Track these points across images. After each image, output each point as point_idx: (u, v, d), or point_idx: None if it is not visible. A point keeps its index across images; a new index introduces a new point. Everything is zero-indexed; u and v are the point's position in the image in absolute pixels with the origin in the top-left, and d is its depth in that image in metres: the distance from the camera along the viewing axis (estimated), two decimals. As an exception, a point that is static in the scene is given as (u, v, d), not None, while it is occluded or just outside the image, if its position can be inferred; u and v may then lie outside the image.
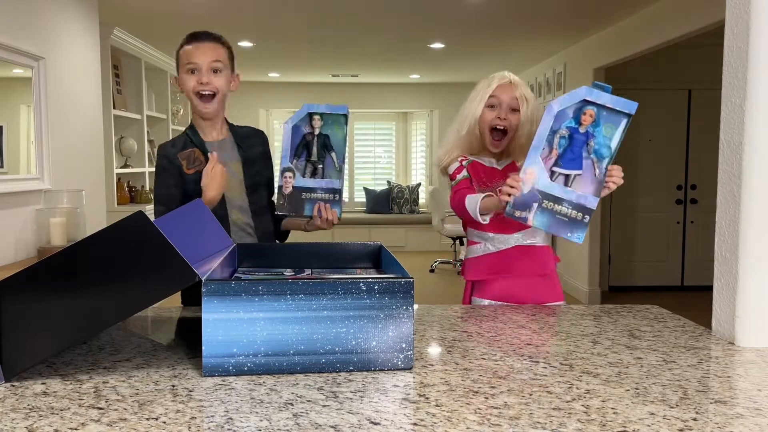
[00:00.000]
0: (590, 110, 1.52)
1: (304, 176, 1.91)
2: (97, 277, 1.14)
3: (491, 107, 1.86)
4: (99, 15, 4.13)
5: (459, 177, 1.91)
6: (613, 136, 1.52)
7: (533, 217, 1.55)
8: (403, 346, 1.19)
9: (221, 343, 1.14)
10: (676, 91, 6.24)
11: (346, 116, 1.92)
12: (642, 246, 6.37)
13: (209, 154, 1.91)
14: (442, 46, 6.18)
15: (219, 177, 1.87)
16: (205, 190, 1.85)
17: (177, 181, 1.92)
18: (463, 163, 1.92)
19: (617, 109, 1.51)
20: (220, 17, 4.93)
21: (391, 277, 1.19)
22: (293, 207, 1.90)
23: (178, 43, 1.98)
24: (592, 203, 1.55)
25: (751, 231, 1.41)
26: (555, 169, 1.54)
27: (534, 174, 1.54)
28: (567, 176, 1.54)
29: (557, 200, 1.54)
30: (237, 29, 5.38)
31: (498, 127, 1.85)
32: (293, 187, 1.90)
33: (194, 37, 1.94)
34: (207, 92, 1.91)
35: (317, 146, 1.91)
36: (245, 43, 5.95)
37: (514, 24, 5.28)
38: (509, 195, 1.55)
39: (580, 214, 1.55)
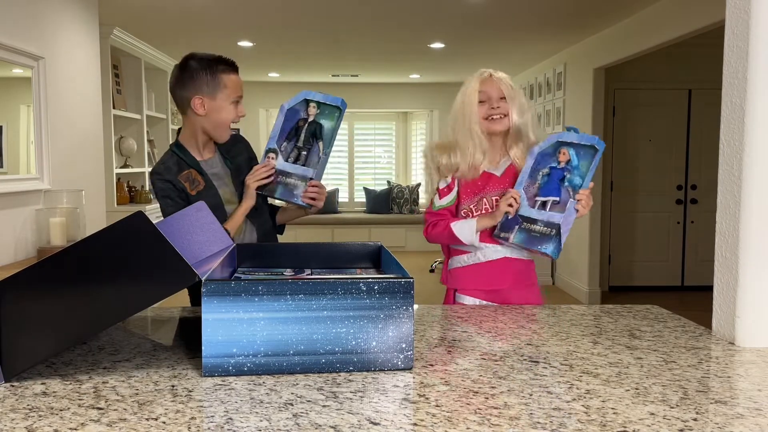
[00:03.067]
0: (564, 149, 1.83)
1: (287, 160, 1.96)
2: (97, 277, 1.14)
3: (482, 102, 1.91)
4: (99, 15, 4.13)
5: (444, 201, 1.96)
6: (587, 170, 1.82)
7: (513, 237, 1.85)
8: (403, 346, 1.18)
9: (221, 343, 1.14)
10: (676, 91, 6.24)
11: (341, 109, 1.96)
12: (642, 246, 6.37)
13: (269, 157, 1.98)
14: (442, 46, 6.18)
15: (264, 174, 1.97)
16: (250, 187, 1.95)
17: (184, 202, 1.92)
18: (456, 174, 1.95)
19: (586, 144, 1.82)
20: (220, 17, 4.93)
21: (391, 277, 1.19)
22: (263, 187, 1.96)
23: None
24: (558, 218, 1.82)
25: (751, 231, 1.41)
26: (537, 198, 1.85)
27: (519, 201, 1.85)
28: (545, 202, 1.84)
29: (533, 221, 1.84)
30: (237, 29, 5.38)
31: (494, 117, 1.91)
32: (274, 169, 1.96)
33: (234, 67, 1.96)
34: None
35: (306, 133, 1.96)
36: (245, 43, 5.95)
37: (514, 24, 5.28)
38: (510, 206, 1.83)
39: (548, 229, 1.82)
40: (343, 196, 9.57)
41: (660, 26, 4.59)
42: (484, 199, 1.94)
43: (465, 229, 1.90)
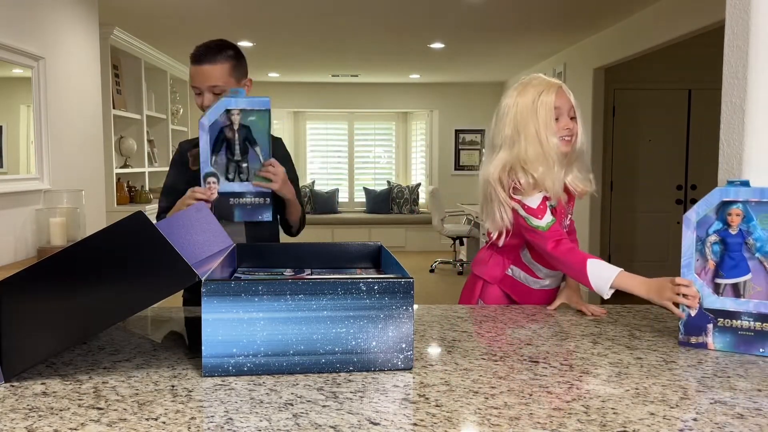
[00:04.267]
0: (735, 209, 1.36)
1: (228, 177, 1.80)
2: (97, 277, 1.14)
3: (556, 119, 1.73)
4: (99, 15, 4.14)
5: (547, 220, 1.68)
6: None
7: (713, 340, 1.39)
8: (403, 346, 1.18)
9: (221, 343, 1.14)
10: (676, 91, 6.24)
11: (268, 111, 1.79)
12: (642, 246, 6.37)
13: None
14: (442, 46, 6.18)
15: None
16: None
17: (183, 175, 1.97)
18: (549, 202, 1.71)
19: (765, 200, 1.35)
20: (220, 17, 4.93)
21: (391, 277, 1.19)
22: (221, 214, 1.78)
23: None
24: None
25: (751, 231, 1.41)
26: (718, 281, 1.39)
27: (696, 292, 1.41)
28: (735, 285, 1.38)
29: (733, 315, 1.37)
30: (237, 29, 5.38)
31: (566, 137, 1.74)
32: (219, 192, 1.79)
33: (196, 59, 1.90)
34: None
35: (239, 141, 1.79)
36: (245, 43, 5.95)
37: (514, 24, 5.28)
38: (686, 298, 1.42)
39: (763, 324, 1.35)
40: (343, 196, 9.57)
41: (660, 26, 4.59)
42: (569, 216, 1.81)
43: (602, 278, 1.59)
